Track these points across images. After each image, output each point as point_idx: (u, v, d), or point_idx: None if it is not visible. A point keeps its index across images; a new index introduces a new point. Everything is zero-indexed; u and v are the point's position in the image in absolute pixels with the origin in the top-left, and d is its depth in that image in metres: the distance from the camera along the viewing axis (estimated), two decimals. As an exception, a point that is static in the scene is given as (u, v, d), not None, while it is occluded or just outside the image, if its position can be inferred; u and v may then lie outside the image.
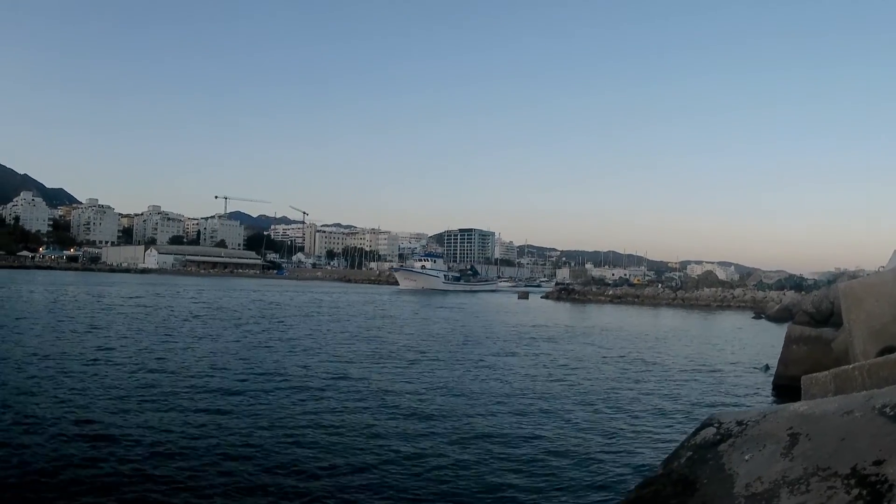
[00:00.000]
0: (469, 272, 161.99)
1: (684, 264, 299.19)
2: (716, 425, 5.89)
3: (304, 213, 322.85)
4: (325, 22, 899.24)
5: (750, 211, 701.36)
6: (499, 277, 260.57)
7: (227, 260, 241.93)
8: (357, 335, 33.16)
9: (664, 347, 31.99)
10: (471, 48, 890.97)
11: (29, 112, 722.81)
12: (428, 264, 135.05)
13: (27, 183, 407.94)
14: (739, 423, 5.71)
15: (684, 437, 6.15)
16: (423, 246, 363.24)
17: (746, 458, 4.85)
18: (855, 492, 3.67)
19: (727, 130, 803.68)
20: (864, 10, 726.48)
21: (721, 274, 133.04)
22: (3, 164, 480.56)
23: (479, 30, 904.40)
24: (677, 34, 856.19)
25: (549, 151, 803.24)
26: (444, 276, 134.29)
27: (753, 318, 61.67)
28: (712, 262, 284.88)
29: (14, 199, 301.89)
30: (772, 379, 21.54)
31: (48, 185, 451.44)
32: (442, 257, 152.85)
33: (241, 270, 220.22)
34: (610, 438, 13.09)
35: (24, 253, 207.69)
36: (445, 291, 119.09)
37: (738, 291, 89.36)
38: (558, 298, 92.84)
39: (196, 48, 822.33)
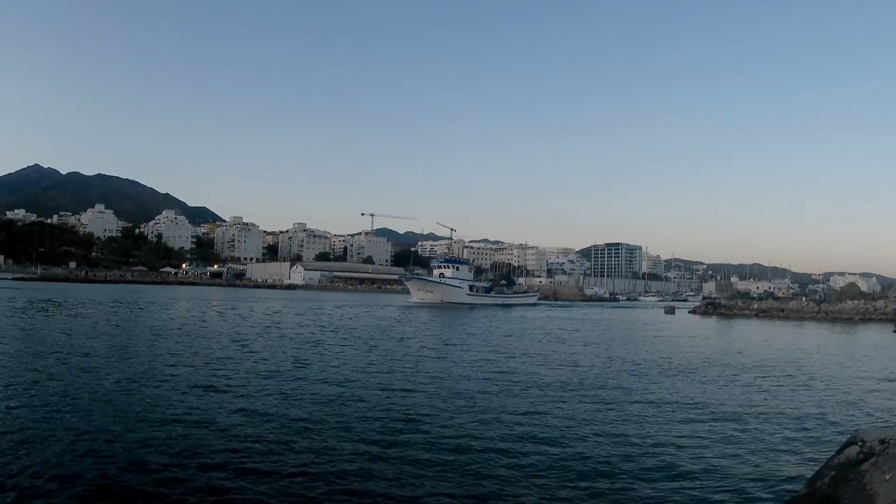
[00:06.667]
0: (503, 283, 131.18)
1: (827, 276, 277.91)
2: (859, 444, 5.73)
3: (452, 229, 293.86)
4: (483, 32, 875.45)
5: (890, 219, 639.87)
6: (646, 292, 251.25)
7: (375, 276, 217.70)
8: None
9: (806, 363, 29.72)
10: (616, 60, 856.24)
11: (170, 134, 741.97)
12: (448, 271, 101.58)
13: (169, 202, 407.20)
14: (882, 442, 5.53)
15: (828, 455, 6.00)
16: (571, 261, 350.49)
17: (888, 477, 4.73)
18: None
19: (867, 139, 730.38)
20: None
21: (863, 285, 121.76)
22: (145, 184, 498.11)
23: (621, 43, 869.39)
24: (825, 43, 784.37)
25: (695, 164, 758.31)
26: (470, 286, 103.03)
27: (894, 331, 56.26)
28: (854, 274, 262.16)
29: (157, 217, 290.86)
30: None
31: (190, 204, 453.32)
32: (467, 264, 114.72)
33: (388, 286, 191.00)
34: (753, 456, 12.34)
35: (167, 269, 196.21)
36: (472, 305, 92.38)
37: (879, 304, 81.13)
38: (705, 313, 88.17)
39: (344, 63, 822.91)
